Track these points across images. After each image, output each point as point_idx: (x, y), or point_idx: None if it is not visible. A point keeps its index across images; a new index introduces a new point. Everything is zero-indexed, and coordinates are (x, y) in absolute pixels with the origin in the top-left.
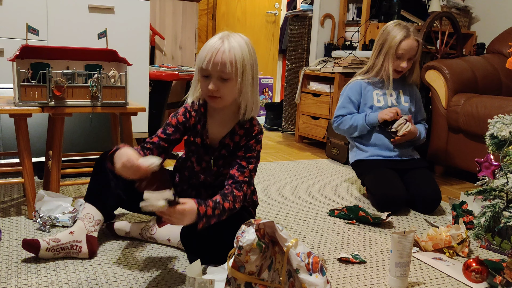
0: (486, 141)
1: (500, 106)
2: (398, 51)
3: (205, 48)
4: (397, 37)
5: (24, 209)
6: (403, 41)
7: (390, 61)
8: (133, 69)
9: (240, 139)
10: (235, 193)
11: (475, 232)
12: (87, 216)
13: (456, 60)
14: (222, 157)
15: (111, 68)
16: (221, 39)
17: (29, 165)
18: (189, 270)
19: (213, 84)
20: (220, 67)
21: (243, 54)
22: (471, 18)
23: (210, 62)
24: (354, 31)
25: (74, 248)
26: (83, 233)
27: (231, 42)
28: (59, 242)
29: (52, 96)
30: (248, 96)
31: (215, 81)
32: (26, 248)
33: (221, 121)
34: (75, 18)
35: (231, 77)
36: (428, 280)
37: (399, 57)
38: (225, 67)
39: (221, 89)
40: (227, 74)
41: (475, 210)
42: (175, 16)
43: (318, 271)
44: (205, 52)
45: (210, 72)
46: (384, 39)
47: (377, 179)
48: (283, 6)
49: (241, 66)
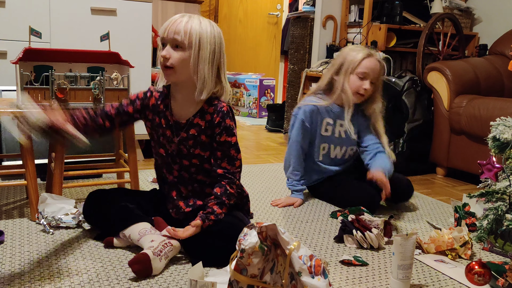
0: (488, 143)
1: (502, 107)
2: (360, 69)
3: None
4: (359, 55)
5: (27, 211)
6: (365, 59)
7: (347, 80)
8: (135, 71)
9: (212, 118)
10: (229, 191)
11: (477, 234)
12: (141, 232)
13: (458, 62)
14: (191, 137)
15: (114, 70)
16: (183, 15)
17: (32, 168)
18: (191, 272)
19: (165, 50)
20: (174, 35)
21: (202, 29)
22: (473, 19)
23: (166, 30)
24: (356, 33)
25: (168, 245)
26: (158, 236)
27: (193, 17)
28: (154, 247)
29: (55, 99)
30: (205, 74)
31: (168, 48)
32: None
33: (184, 101)
34: (77, 20)
35: (183, 46)
36: (431, 283)
37: (362, 77)
38: (178, 34)
39: (172, 57)
40: (179, 42)
41: (477, 212)
42: None
43: (320, 274)
44: (165, 23)
45: (166, 40)
46: (343, 58)
47: (344, 187)
48: (285, 7)
49: (196, 39)
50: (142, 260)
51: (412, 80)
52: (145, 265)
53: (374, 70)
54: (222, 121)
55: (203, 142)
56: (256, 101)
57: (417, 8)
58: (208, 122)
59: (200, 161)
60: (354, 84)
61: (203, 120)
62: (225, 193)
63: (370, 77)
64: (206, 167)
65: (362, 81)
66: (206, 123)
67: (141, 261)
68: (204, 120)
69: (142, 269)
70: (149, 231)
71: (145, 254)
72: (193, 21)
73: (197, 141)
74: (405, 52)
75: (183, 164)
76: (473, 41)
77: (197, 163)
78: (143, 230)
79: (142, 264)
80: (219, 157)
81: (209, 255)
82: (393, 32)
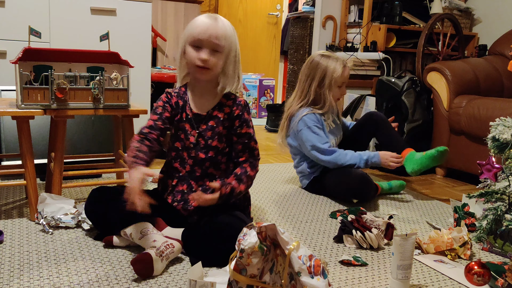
0: (488, 144)
1: (502, 108)
2: (340, 80)
3: (197, 22)
4: (337, 68)
5: (26, 211)
6: (343, 72)
7: (331, 91)
8: (135, 71)
9: (232, 110)
10: (248, 173)
11: (477, 235)
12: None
13: (458, 62)
14: (210, 128)
15: (113, 70)
16: (213, 17)
17: (32, 168)
18: (191, 272)
19: (206, 54)
20: (216, 39)
21: (232, 33)
22: (472, 20)
23: (206, 33)
24: (356, 33)
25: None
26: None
27: (223, 20)
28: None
29: (55, 99)
30: (230, 72)
31: (208, 51)
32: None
33: (203, 94)
34: (77, 20)
35: (222, 51)
36: (430, 283)
37: (341, 86)
38: (219, 40)
39: (211, 60)
40: (220, 46)
41: (477, 212)
42: (176, 17)
43: (319, 274)
44: (199, 25)
45: (204, 43)
46: (323, 73)
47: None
48: (285, 7)
49: (229, 43)
50: (145, 260)
51: (412, 80)
52: (147, 265)
53: (348, 76)
54: (241, 113)
55: (221, 133)
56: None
57: (416, 8)
58: (227, 115)
59: (216, 153)
60: (336, 94)
61: (222, 112)
62: (245, 173)
63: (346, 83)
64: (219, 159)
65: (342, 88)
66: (225, 115)
67: (144, 261)
68: (223, 112)
69: (143, 269)
70: (150, 230)
71: (148, 254)
72: (226, 24)
73: (215, 132)
74: (404, 52)
75: (198, 157)
76: (472, 42)
77: (212, 155)
78: (145, 230)
79: (144, 264)
80: (240, 149)
81: (209, 255)
82: (392, 32)
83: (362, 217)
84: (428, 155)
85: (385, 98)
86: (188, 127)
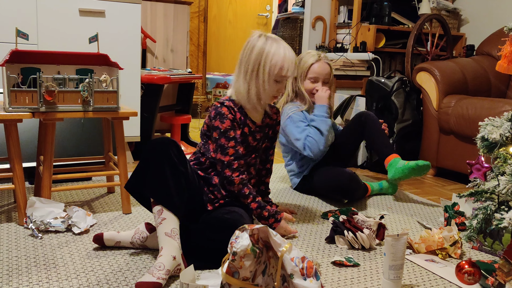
0: (477, 143)
1: (490, 107)
2: (310, 74)
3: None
4: (308, 61)
5: (15, 216)
6: (314, 64)
7: (302, 84)
8: (124, 73)
9: (277, 116)
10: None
11: (467, 234)
12: (174, 232)
13: (447, 62)
14: (266, 136)
15: (103, 72)
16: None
17: (20, 172)
18: (183, 275)
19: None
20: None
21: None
22: (460, 20)
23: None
24: (346, 34)
25: (177, 272)
26: (179, 252)
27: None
28: (169, 272)
29: (43, 101)
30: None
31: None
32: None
33: (256, 106)
34: (65, 22)
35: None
36: (422, 282)
37: (314, 81)
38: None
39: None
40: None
41: (467, 211)
42: (166, 19)
43: (312, 276)
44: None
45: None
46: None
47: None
48: (275, 8)
49: None
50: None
51: (401, 81)
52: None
53: (324, 73)
54: (280, 119)
55: (269, 137)
56: None
57: (405, 9)
58: (275, 121)
59: (263, 152)
60: (309, 87)
61: (271, 119)
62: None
63: (321, 80)
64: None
65: (315, 84)
66: (273, 121)
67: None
68: (271, 119)
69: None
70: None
71: (159, 284)
72: None
73: (267, 137)
74: (394, 53)
75: (254, 161)
76: (460, 42)
77: (262, 156)
78: (175, 230)
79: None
80: (271, 152)
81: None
82: (382, 32)
83: (353, 218)
84: (409, 165)
85: (375, 98)
86: (250, 140)
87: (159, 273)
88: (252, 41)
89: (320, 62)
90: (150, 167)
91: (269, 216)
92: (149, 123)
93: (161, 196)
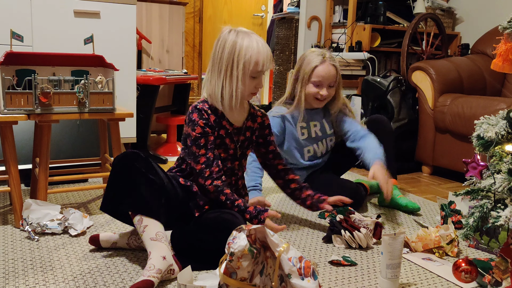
0: (473, 142)
1: (485, 106)
2: (313, 78)
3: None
4: (311, 63)
5: (10, 218)
6: (318, 67)
7: (304, 89)
8: (120, 74)
9: (263, 120)
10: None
11: (463, 232)
12: (159, 235)
13: (442, 61)
14: (246, 139)
15: (98, 73)
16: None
17: (16, 174)
18: (180, 276)
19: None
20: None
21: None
22: (455, 19)
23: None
24: (341, 33)
25: (170, 273)
26: (169, 253)
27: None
28: (161, 272)
29: (38, 103)
30: None
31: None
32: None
33: (237, 108)
34: (60, 23)
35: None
36: (419, 281)
37: (318, 85)
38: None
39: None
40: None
41: (463, 209)
42: (161, 20)
43: (310, 276)
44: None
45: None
46: (300, 65)
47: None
48: (270, 8)
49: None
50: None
51: (397, 80)
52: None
53: (328, 76)
54: (269, 123)
55: (253, 141)
56: None
57: (400, 8)
58: (259, 124)
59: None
60: (311, 91)
61: (255, 122)
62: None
63: (326, 84)
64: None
65: (319, 88)
66: (258, 124)
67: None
68: (256, 122)
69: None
70: (162, 236)
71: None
72: None
73: (250, 141)
74: (389, 52)
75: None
76: (455, 41)
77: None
78: (160, 234)
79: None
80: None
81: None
82: (377, 32)
83: (350, 217)
84: (400, 202)
85: (371, 97)
86: (228, 141)
87: (150, 272)
88: (223, 37)
89: (325, 64)
90: (119, 183)
91: (251, 218)
92: (145, 124)
93: (137, 205)
